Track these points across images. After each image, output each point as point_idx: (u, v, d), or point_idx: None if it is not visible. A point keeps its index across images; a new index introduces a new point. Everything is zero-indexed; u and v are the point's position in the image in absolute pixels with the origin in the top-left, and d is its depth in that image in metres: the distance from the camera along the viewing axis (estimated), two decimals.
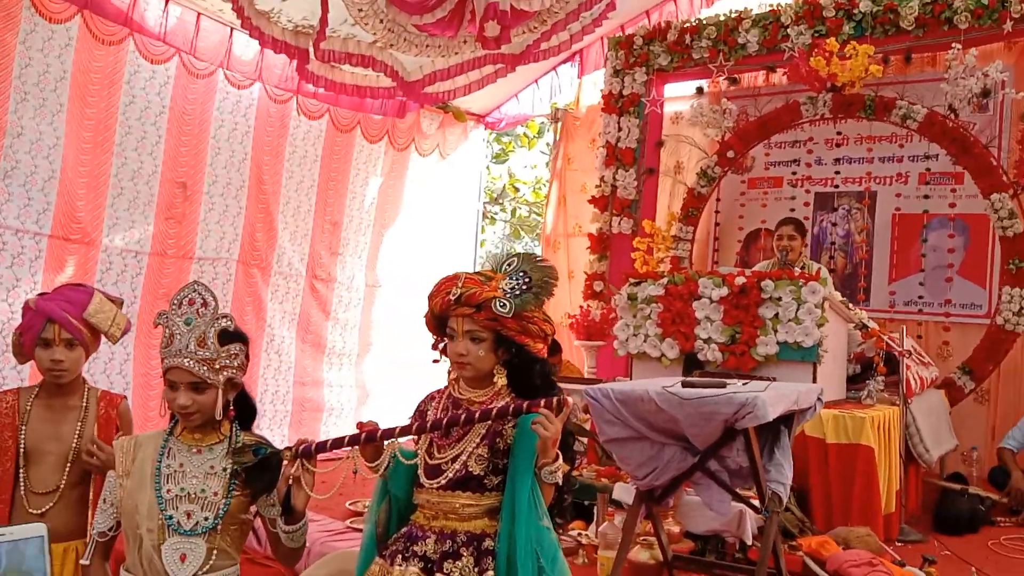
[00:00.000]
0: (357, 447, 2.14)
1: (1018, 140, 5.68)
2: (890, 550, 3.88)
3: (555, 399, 2.03)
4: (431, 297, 2.21)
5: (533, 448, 2.04)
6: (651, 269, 6.25)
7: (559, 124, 8.50)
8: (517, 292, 2.11)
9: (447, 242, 8.07)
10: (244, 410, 2.28)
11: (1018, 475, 4.93)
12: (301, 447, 2.08)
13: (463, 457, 2.12)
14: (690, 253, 6.84)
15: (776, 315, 4.29)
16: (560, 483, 2.07)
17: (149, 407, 5.26)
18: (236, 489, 2.15)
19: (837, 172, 6.65)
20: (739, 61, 6.64)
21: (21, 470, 2.55)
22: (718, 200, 7.11)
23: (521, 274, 2.14)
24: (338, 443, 2.13)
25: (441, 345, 2.27)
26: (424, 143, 7.68)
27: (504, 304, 2.08)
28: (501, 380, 2.16)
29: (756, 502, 3.31)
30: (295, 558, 2.25)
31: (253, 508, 2.22)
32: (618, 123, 7.22)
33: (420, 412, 2.28)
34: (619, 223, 7.12)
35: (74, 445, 2.60)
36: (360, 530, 3.06)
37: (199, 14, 5.63)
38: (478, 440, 2.13)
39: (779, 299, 4.29)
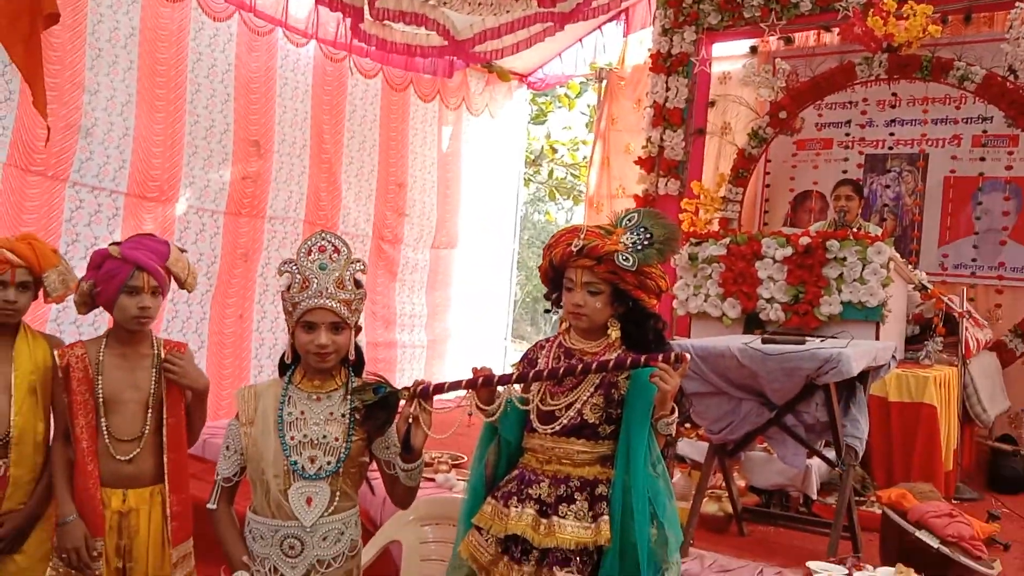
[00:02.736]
0: (472, 390, 2.21)
1: None
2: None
3: (674, 353, 2.08)
4: (550, 248, 2.26)
5: (649, 400, 2.10)
6: (698, 230, 6.27)
7: (603, 84, 8.47)
8: (639, 247, 2.15)
9: (493, 204, 8.14)
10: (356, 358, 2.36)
11: None
12: (419, 388, 2.14)
13: (577, 405, 2.18)
14: (739, 215, 6.84)
15: (841, 275, 4.32)
16: (673, 434, 2.15)
17: (224, 365, 5.37)
18: (355, 433, 2.24)
19: (891, 134, 6.63)
20: (791, 20, 6.57)
21: (102, 419, 2.58)
22: (767, 161, 7.09)
23: (642, 229, 2.17)
24: (455, 386, 2.20)
25: (553, 295, 2.33)
26: (475, 102, 7.72)
27: (627, 258, 2.12)
28: (615, 333, 2.21)
29: (828, 455, 3.41)
30: (410, 498, 2.34)
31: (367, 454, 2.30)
32: (666, 83, 7.17)
33: (530, 360, 2.34)
34: (666, 184, 7.10)
35: (152, 391, 2.63)
36: None
37: None
38: (592, 389, 2.19)
39: (844, 259, 4.33)
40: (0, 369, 2.65)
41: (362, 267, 2.24)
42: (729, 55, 7.34)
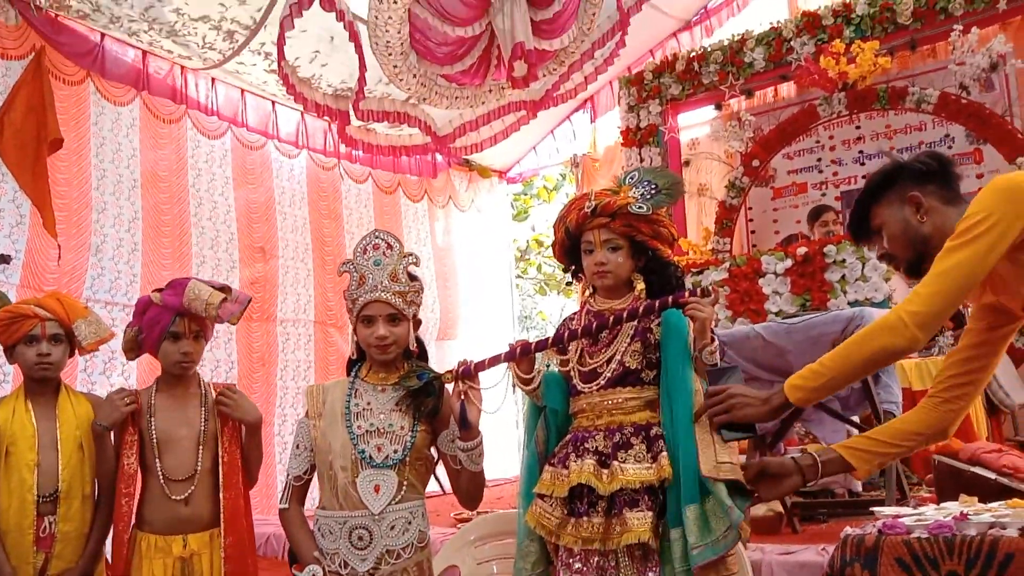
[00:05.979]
0: (512, 363, 2.28)
1: None
2: None
3: (700, 288, 2.19)
4: (562, 218, 2.37)
5: (683, 337, 2.17)
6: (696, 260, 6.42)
7: (580, 169, 8.82)
8: (648, 196, 2.28)
9: (488, 296, 8.30)
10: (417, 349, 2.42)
11: None
12: (461, 368, 2.22)
13: (618, 356, 2.24)
14: None
15: (843, 276, 4.44)
16: (717, 364, 2.20)
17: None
18: (420, 425, 2.29)
19: (862, 164, 6.91)
20: (748, 79, 6.98)
21: (157, 460, 2.61)
22: (748, 209, 7.35)
23: (647, 182, 2.32)
24: (495, 360, 2.26)
25: (571, 268, 2.44)
26: (461, 199, 8.01)
27: (641, 206, 2.25)
28: (640, 285, 2.30)
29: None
30: (477, 491, 2.33)
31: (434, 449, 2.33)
32: (639, 154, 7.51)
33: (560, 334, 2.41)
34: None
35: (203, 428, 2.66)
36: None
37: (243, 90, 6.00)
38: (629, 340, 2.25)
39: (843, 261, 4.46)
40: (45, 426, 2.68)
41: (415, 260, 2.35)
42: (695, 123, 7.71)
